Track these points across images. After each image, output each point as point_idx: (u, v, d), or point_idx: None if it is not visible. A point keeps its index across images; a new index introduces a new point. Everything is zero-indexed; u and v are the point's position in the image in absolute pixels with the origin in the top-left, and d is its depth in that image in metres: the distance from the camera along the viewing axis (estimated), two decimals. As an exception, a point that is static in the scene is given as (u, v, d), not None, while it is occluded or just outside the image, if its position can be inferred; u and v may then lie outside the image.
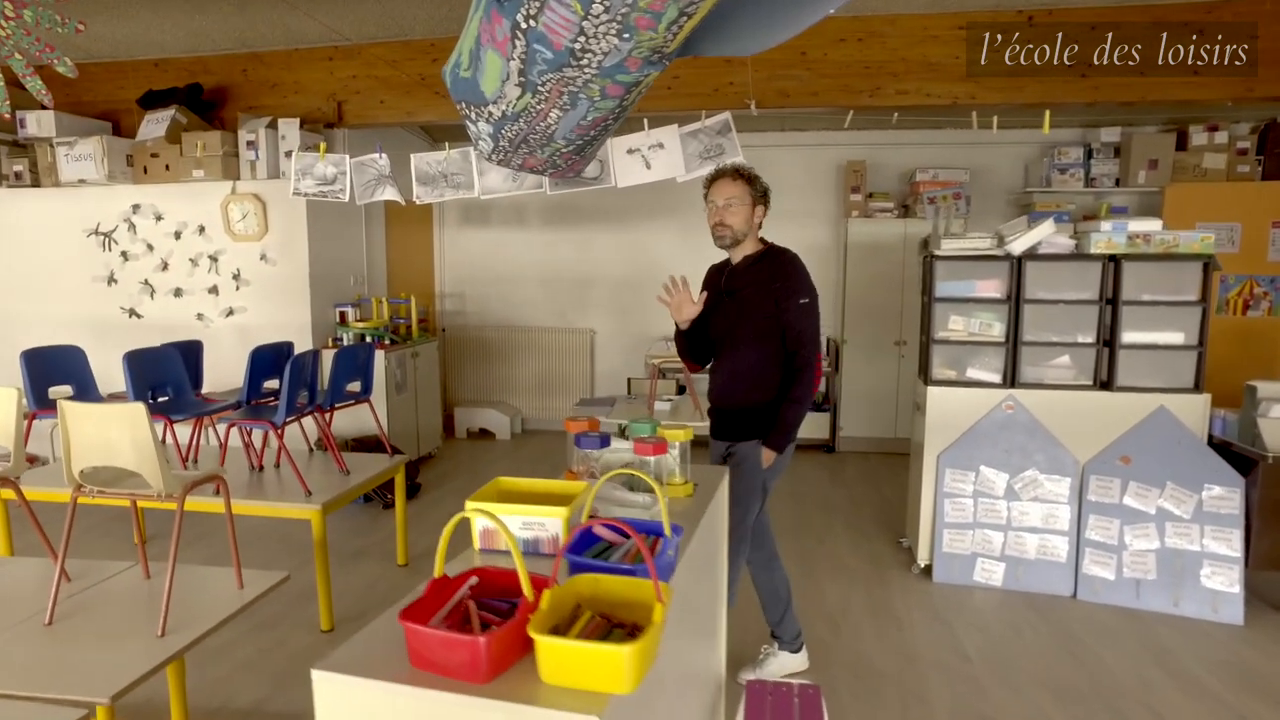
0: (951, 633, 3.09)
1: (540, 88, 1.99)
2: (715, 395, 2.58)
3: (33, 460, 4.94)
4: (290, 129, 4.80)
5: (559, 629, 1.10)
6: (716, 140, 3.16)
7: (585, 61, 1.83)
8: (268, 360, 3.53)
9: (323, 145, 3.47)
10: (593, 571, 1.21)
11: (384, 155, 3.43)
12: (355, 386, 3.57)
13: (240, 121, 4.93)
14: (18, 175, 5.07)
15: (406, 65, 4.95)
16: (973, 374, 3.56)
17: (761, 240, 2.55)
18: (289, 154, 4.83)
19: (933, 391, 3.57)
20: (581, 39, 1.76)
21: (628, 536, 1.42)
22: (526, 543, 1.48)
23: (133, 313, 5.12)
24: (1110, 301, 3.37)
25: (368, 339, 4.99)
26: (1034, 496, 3.46)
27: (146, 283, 5.08)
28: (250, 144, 4.81)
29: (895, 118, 4.89)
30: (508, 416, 6.38)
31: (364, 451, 4.26)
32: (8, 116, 3.09)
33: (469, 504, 1.48)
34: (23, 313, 5.25)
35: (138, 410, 1.87)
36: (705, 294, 2.54)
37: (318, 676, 1.08)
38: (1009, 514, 3.49)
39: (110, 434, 1.89)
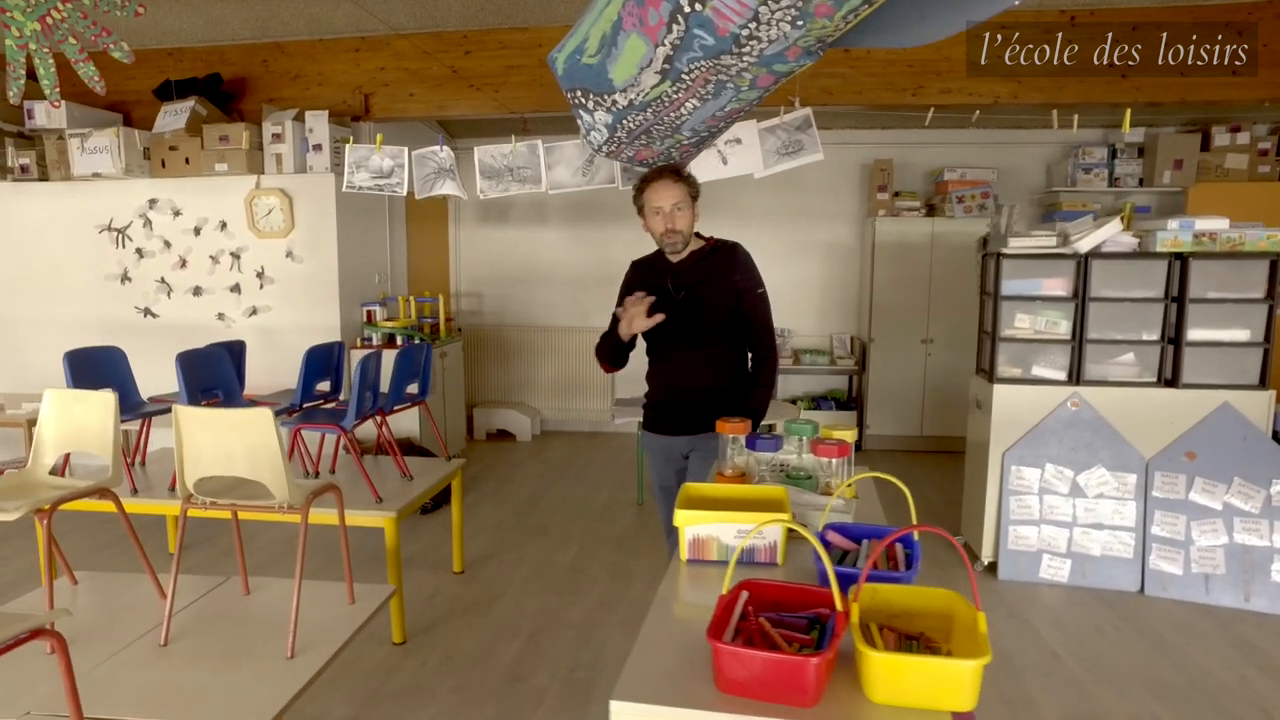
0: (1033, 630, 3.08)
1: (684, 75, 1.92)
2: (671, 393, 2.52)
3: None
4: (318, 122, 4.64)
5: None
6: (796, 136, 3.11)
7: (747, 49, 1.77)
8: (319, 361, 3.39)
9: (379, 137, 3.34)
10: (875, 581, 1.14)
11: (445, 148, 3.31)
12: (413, 389, 3.44)
13: (265, 114, 4.75)
14: (24, 169, 4.82)
15: (438, 57, 4.82)
16: (1038, 372, 3.56)
17: (698, 234, 2.49)
18: (317, 147, 4.68)
19: (999, 389, 3.57)
20: (751, 25, 1.69)
21: (856, 541, 1.36)
22: (743, 551, 1.41)
23: (148, 312, 4.91)
24: (1176, 299, 3.40)
25: (398, 339, 4.85)
26: (1099, 493, 3.48)
27: (163, 281, 4.87)
28: (276, 137, 4.64)
29: (931, 114, 4.89)
30: (529, 418, 6.26)
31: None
32: (57, 105, 2.91)
33: (679, 513, 1.41)
34: (27, 314, 5.00)
35: (264, 416, 1.76)
36: (659, 315, 2.34)
37: (618, 708, 0.99)
38: (1074, 511, 3.50)
39: (231, 442, 1.77)
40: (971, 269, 5.65)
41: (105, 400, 1.97)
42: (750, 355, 2.52)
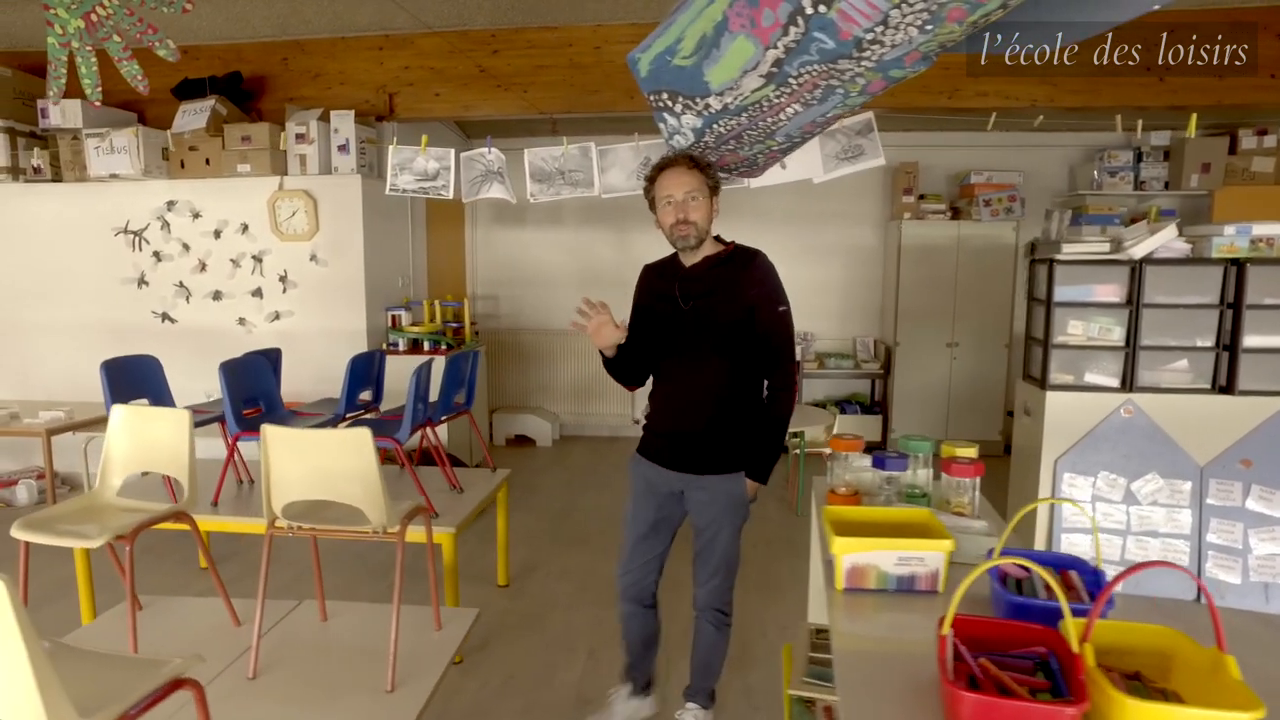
0: (1097, 642, 3.04)
1: (792, 79, 1.85)
2: (667, 419, 2.18)
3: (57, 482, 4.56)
4: (344, 122, 4.53)
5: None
6: (856, 141, 3.05)
7: (868, 54, 1.70)
8: (361, 369, 3.29)
9: (425, 138, 3.24)
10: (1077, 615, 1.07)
11: (494, 149, 3.22)
12: (459, 397, 3.35)
13: (288, 113, 4.62)
14: (36, 169, 4.67)
15: (464, 56, 4.72)
16: (1090, 378, 3.53)
17: (719, 239, 2.19)
18: (342, 148, 4.57)
19: (1051, 396, 3.53)
20: (878, 29, 1.62)
21: (1026, 570, 1.29)
22: (901, 579, 1.34)
23: (165, 317, 4.77)
24: (1232, 305, 3.37)
25: (425, 345, 4.75)
26: (1153, 500, 3.45)
27: (181, 285, 4.74)
28: (301, 137, 4.52)
29: (994, 119, 4.85)
30: (549, 423, 6.17)
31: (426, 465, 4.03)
32: (98, 105, 2.80)
33: (838, 541, 1.34)
34: (38, 319, 4.85)
35: (363, 437, 1.67)
36: (625, 321, 2.11)
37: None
38: (1129, 518, 3.47)
39: (325, 463, 1.68)
40: (995, 273, 5.64)
41: (179, 418, 1.87)
42: (765, 384, 2.15)
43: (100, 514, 1.86)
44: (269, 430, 1.66)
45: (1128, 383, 3.49)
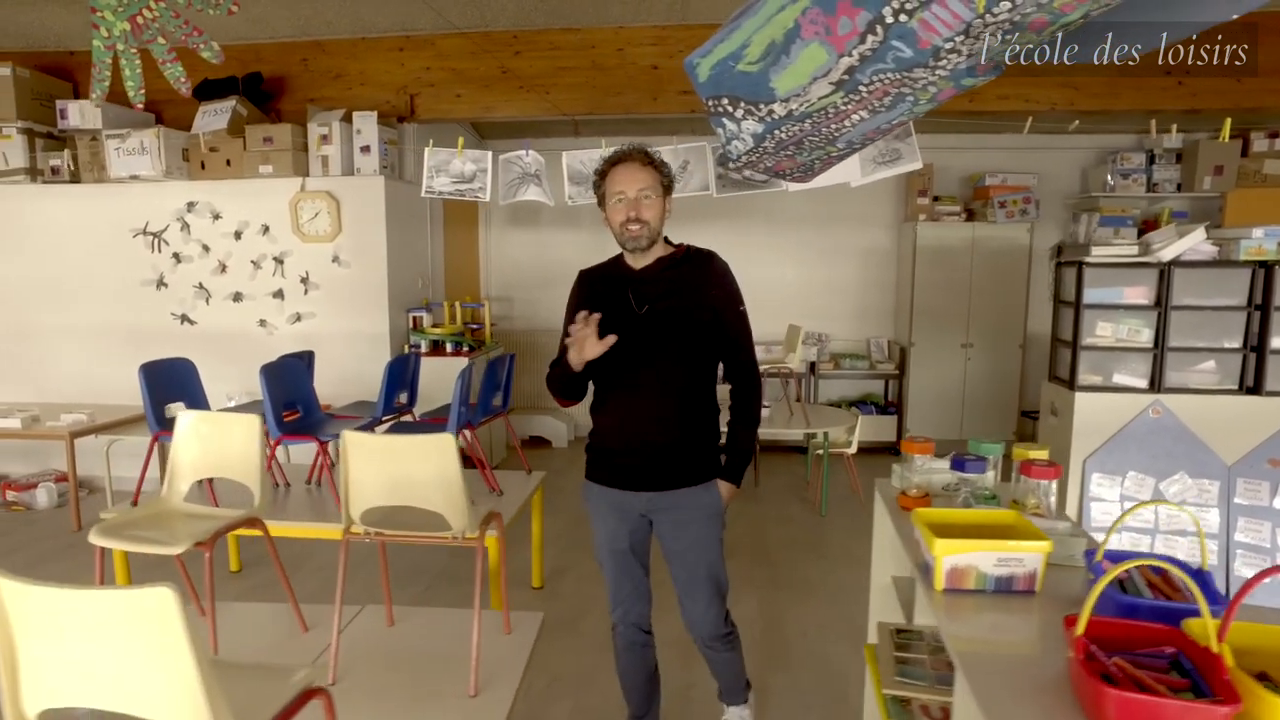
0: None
1: (863, 86, 1.86)
2: (629, 435, 1.99)
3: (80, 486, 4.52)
4: (367, 123, 4.52)
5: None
6: (894, 145, 3.07)
7: (944, 63, 1.72)
8: (397, 372, 3.29)
9: (461, 140, 3.24)
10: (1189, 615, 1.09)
11: (532, 152, 3.23)
12: (496, 400, 3.35)
13: (310, 114, 4.61)
14: (54, 170, 4.63)
15: (486, 57, 4.72)
16: (1119, 379, 3.57)
17: (667, 240, 2.07)
18: (365, 149, 4.55)
19: (1080, 397, 3.57)
20: (959, 38, 1.63)
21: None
22: (1000, 580, 1.36)
23: (185, 319, 4.74)
24: (1259, 307, 3.42)
25: (447, 346, 4.75)
26: (1181, 499, 3.49)
27: (201, 286, 4.71)
28: (324, 138, 4.50)
29: (1030, 123, 4.88)
30: (564, 424, 6.17)
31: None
32: (140, 107, 2.78)
33: (939, 543, 1.36)
34: (54, 321, 4.81)
35: (445, 442, 1.67)
36: (612, 336, 1.86)
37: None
38: (1156, 518, 3.51)
39: (404, 468, 1.68)
40: (1009, 274, 5.68)
41: (249, 424, 1.87)
42: (731, 388, 2.07)
43: (169, 520, 1.85)
44: (349, 437, 1.66)
45: (1156, 384, 3.53)
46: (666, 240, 2.06)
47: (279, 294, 4.67)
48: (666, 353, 1.95)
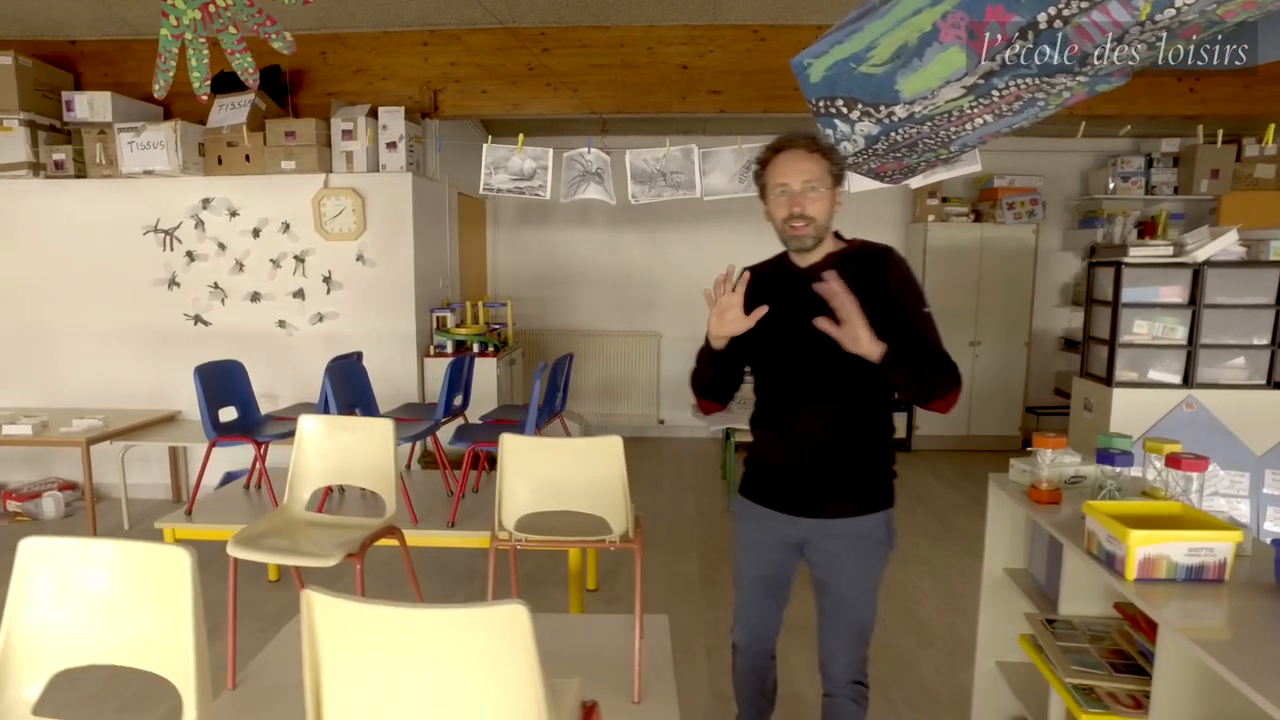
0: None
1: (997, 91, 1.89)
2: (792, 453, 1.80)
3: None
4: (393, 118, 4.42)
5: None
6: (955, 145, 3.11)
7: (1087, 69, 1.75)
8: (455, 374, 3.23)
9: (521, 137, 3.19)
10: None
11: (594, 149, 3.19)
12: (557, 401, 3.31)
13: (333, 109, 4.49)
14: (58, 164, 4.42)
15: (514, 53, 4.65)
16: (1154, 375, 3.69)
17: (838, 235, 1.90)
18: (391, 145, 4.45)
19: (1117, 393, 3.68)
20: (1110, 44, 1.67)
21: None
22: (1190, 569, 1.41)
23: (198, 320, 4.58)
24: (1288, 305, 3.58)
25: (473, 346, 4.67)
26: (1213, 491, 3.62)
27: (217, 286, 4.55)
28: (348, 134, 4.39)
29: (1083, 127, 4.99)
30: (575, 423, 6.12)
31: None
32: (203, 99, 2.67)
33: (1134, 534, 1.39)
34: (60, 321, 4.59)
35: (613, 444, 1.64)
36: (762, 308, 1.72)
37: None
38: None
39: (567, 472, 1.65)
40: (1016, 274, 5.83)
41: (382, 429, 1.81)
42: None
43: (297, 530, 1.78)
44: (508, 440, 1.62)
45: (1189, 379, 3.66)
46: (837, 235, 1.89)
47: (299, 294, 4.54)
48: (839, 363, 1.70)
